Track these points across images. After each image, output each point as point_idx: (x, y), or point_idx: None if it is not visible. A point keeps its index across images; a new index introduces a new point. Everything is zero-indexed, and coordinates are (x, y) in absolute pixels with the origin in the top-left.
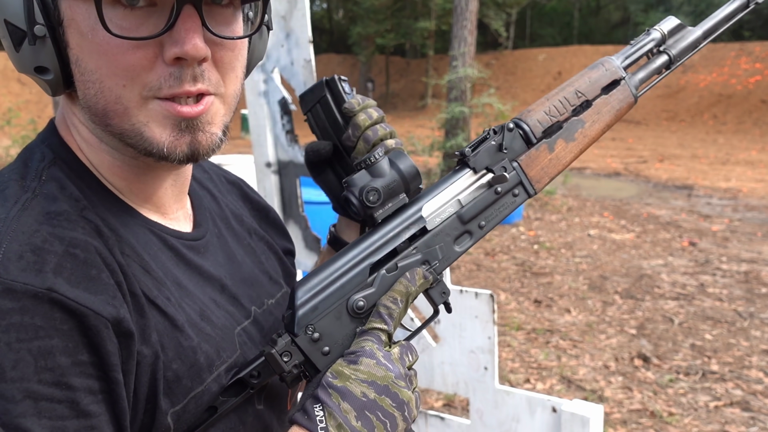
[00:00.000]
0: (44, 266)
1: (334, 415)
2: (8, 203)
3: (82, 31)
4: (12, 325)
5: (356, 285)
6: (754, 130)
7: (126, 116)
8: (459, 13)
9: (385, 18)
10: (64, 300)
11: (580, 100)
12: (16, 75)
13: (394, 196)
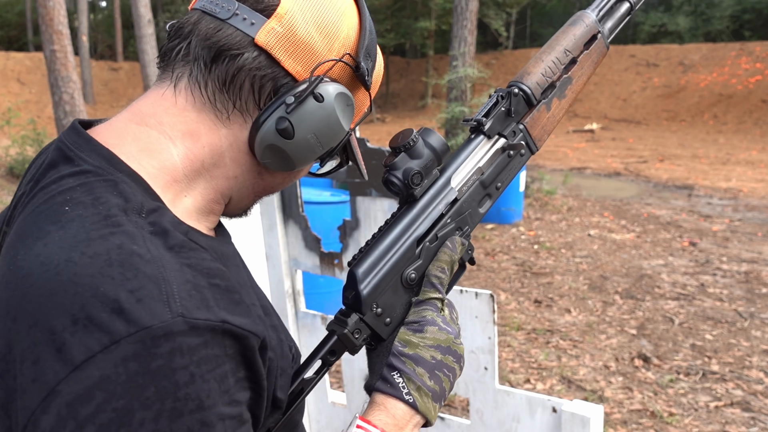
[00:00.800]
0: (208, 301)
1: (412, 380)
2: (138, 240)
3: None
4: (202, 360)
5: (407, 260)
6: (754, 130)
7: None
8: (459, 13)
9: (385, 18)
10: (234, 329)
11: (568, 58)
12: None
13: (430, 172)
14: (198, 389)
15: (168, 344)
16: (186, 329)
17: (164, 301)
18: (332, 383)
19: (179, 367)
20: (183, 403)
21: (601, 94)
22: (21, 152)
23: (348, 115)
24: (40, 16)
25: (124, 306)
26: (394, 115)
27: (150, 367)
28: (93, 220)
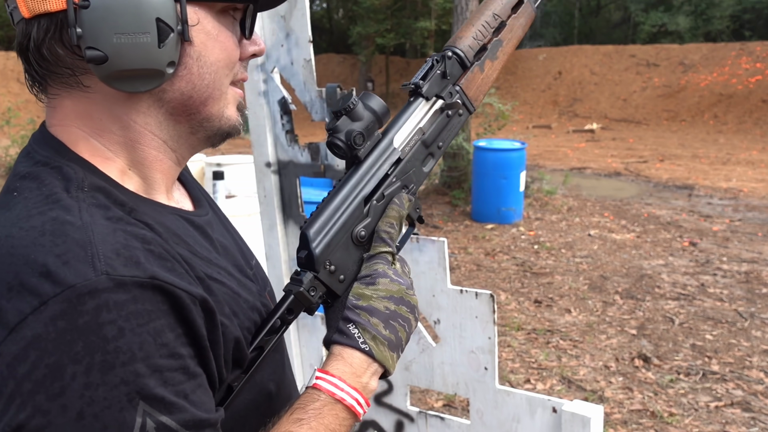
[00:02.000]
0: (138, 260)
1: (367, 330)
2: (73, 210)
3: (209, 32)
4: (131, 314)
5: (356, 218)
6: (754, 130)
7: (219, 100)
8: (459, 13)
9: (385, 18)
10: (164, 285)
11: (497, 22)
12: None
13: (372, 134)
14: (128, 342)
15: (93, 301)
16: (111, 286)
17: (89, 262)
18: None
19: (106, 322)
20: (113, 356)
21: (601, 94)
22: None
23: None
24: None
25: (51, 269)
26: (394, 114)
27: (77, 324)
28: (35, 201)
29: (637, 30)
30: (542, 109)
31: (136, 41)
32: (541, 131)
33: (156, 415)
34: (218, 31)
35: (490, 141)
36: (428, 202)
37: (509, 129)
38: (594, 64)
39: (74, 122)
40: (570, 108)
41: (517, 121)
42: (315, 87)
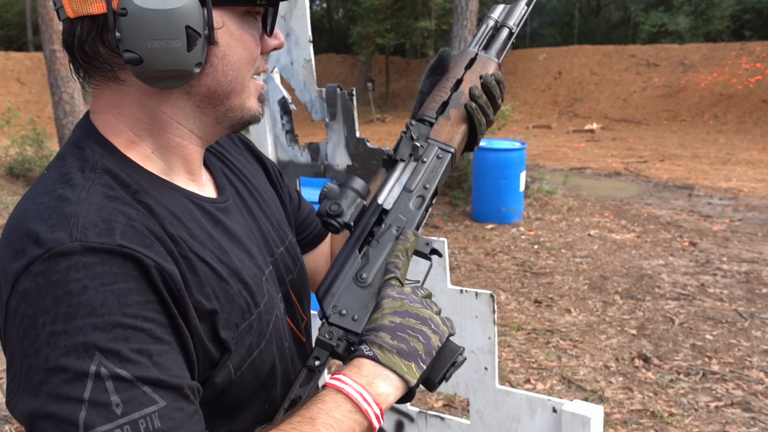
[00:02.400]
0: (114, 231)
1: (373, 342)
2: (77, 189)
3: (233, 33)
4: (96, 274)
5: (355, 266)
6: (755, 130)
7: (242, 93)
8: (459, 13)
9: (385, 18)
10: (133, 253)
11: (452, 82)
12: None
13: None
14: (90, 298)
15: (65, 262)
16: (82, 250)
17: (68, 231)
18: None
19: (73, 280)
20: (75, 309)
21: (601, 94)
22: (21, 152)
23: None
24: (40, 16)
25: (40, 236)
26: (394, 115)
27: (50, 280)
28: (53, 179)
29: (637, 30)
30: (542, 109)
31: (168, 46)
32: (541, 131)
33: (110, 365)
34: (241, 32)
35: (490, 141)
36: None
37: (509, 129)
38: (594, 64)
39: (110, 110)
40: (570, 108)
41: (517, 121)
42: (315, 87)
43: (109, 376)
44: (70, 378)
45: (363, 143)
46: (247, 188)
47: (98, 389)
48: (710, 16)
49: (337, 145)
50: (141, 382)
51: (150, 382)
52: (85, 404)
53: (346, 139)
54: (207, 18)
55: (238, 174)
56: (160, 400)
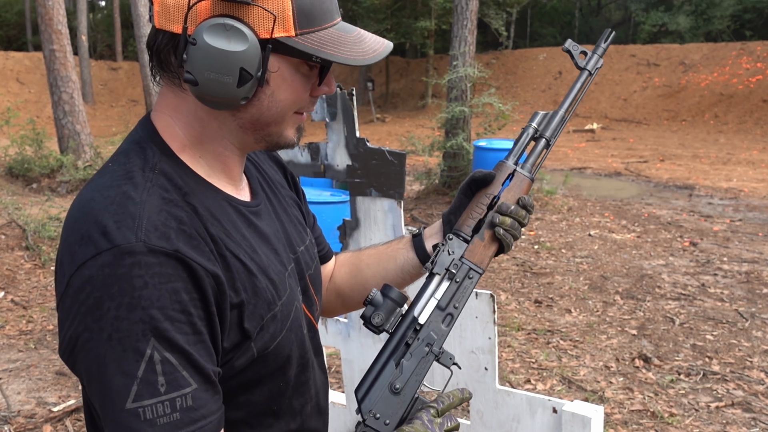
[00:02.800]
0: (170, 236)
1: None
2: (139, 188)
3: (285, 78)
4: (155, 273)
5: (391, 376)
6: (755, 129)
7: (280, 124)
8: (459, 13)
9: (385, 17)
10: (185, 258)
11: (490, 199)
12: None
13: (392, 313)
14: (150, 293)
15: (131, 259)
16: (145, 251)
17: (134, 230)
18: (332, 383)
19: (136, 276)
20: (137, 300)
21: (601, 93)
22: (20, 152)
23: (234, 39)
24: (40, 15)
25: (108, 230)
26: (394, 114)
27: (117, 272)
28: (118, 174)
29: (638, 30)
30: (542, 109)
31: (221, 80)
32: None
33: (162, 351)
34: (293, 78)
35: (490, 141)
36: (428, 202)
37: (509, 129)
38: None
39: (168, 112)
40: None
41: (518, 121)
42: None
43: (159, 360)
44: (129, 356)
45: (363, 143)
46: (275, 194)
47: (149, 370)
48: (711, 15)
49: (337, 145)
50: (182, 367)
51: (187, 366)
52: (137, 380)
53: (346, 139)
54: (262, 63)
55: (268, 181)
56: (194, 383)
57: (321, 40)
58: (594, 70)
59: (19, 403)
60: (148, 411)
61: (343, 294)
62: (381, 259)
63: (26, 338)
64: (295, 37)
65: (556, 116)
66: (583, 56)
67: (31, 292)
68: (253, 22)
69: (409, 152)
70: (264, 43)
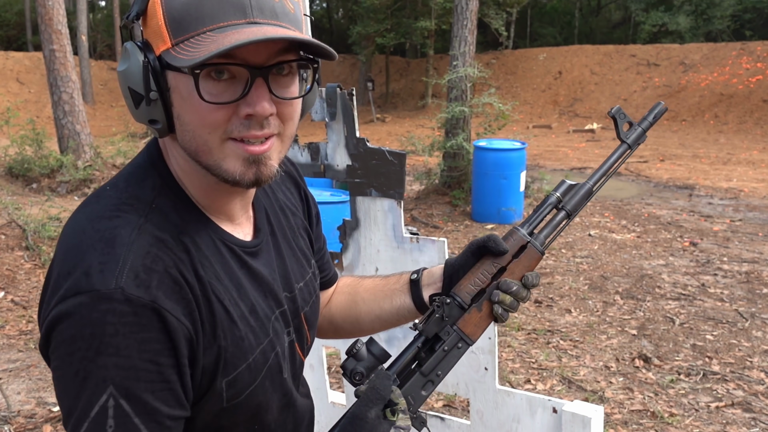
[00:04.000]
0: (150, 284)
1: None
2: (130, 227)
3: (183, 96)
4: (128, 323)
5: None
6: (755, 129)
7: (210, 154)
8: (459, 13)
9: (385, 17)
10: (161, 309)
11: (496, 268)
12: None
13: (373, 370)
14: (118, 341)
15: (107, 305)
16: (122, 299)
17: (115, 275)
18: (332, 384)
19: (109, 323)
20: (105, 347)
21: (601, 93)
22: (20, 152)
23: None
24: (39, 15)
25: (91, 271)
26: (394, 115)
27: (92, 316)
28: (113, 203)
29: (638, 30)
30: (542, 109)
31: (126, 102)
32: (541, 131)
33: (118, 398)
34: (189, 95)
35: (490, 141)
36: (428, 202)
37: (509, 129)
38: (594, 64)
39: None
40: (570, 108)
41: (518, 121)
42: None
43: (113, 405)
44: (87, 396)
45: (363, 143)
46: (281, 225)
47: (101, 413)
48: (711, 15)
49: (337, 145)
50: (134, 414)
51: (143, 415)
52: (89, 419)
53: (346, 139)
54: (145, 81)
55: (277, 210)
56: (145, 430)
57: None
58: (635, 145)
59: (19, 403)
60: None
61: (336, 323)
62: (377, 296)
63: (26, 338)
64: (171, 48)
65: (583, 189)
66: (627, 126)
67: (31, 292)
68: (150, 38)
69: (409, 152)
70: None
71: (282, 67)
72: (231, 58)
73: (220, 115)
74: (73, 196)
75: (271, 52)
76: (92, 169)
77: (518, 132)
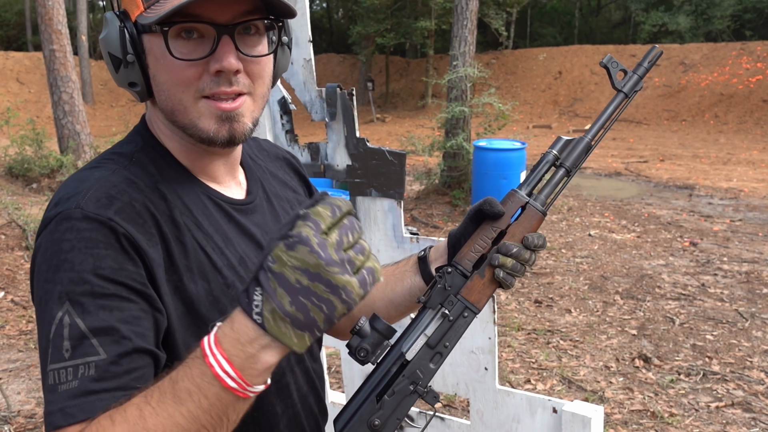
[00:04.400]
0: (111, 207)
1: (269, 300)
2: (105, 170)
3: (156, 57)
4: (84, 238)
5: (371, 412)
6: (755, 129)
7: (185, 113)
8: (459, 13)
9: (385, 17)
10: (118, 228)
11: (496, 233)
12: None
13: (379, 346)
14: (74, 256)
15: (67, 224)
16: (80, 216)
17: (77, 199)
18: (332, 383)
19: (66, 239)
20: (61, 263)
21: (601, 93)
22: (20, 152)
23: (104, 26)
24: (39, 15)
25: (60, 200)
26: (394, 114)
27: (53, 237)
28: (99, 158)
29: (638, 30)
30: (542, 109)
31: (108, 67)
32: (541, 131)
33: (73, 315)
34: (162, 55)
35: (490, 141)
36: (428, 202)
37: (509, 129)
38: (594, 64)
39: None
40: (570, 108)
41: (518, 120)
42: (315, 87)
43: (68, 323)
44: (46, 317)
45: (363, 143)
46: (278, 194)
47: (58, 333)
48: (711, 15)
49: (337, 145)
50: (92, 334)
51: (101, 335)
52: (50, 342)
53: (346, 139)
54: (122, 44)
55: (274, 183)
56: (103, 353)
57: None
58: (632, 93)
59: (19, 403)
60: (53, 375)
61: (352, 315)
62: (389, 280)
63: (26, 338)
64: (144, 11)
65: (581, 144)
66: (622, 75)
67: (31, 292)
68: (127, 6)
69: (409, 152)
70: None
71: (248, 27)
72: (198, 18)
73: (191, 72)
74: None
75: (236, 12)
76: None
77: (518, 132)
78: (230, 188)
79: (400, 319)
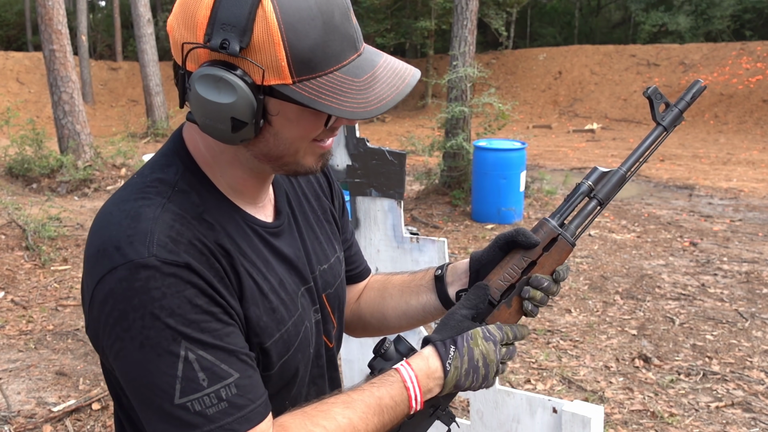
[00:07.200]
0: (179, 249)
1: (458, 359)
2: (154, 206)
3: (290, 119)
4: (170, 284)
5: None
6: (755, 129)
7: (295, 156)
8: (459, 13)
9: (385, 17)
10: (194, 265)
11: (526, 263)
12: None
13: None
14: (169, 302)
15: (146, 272)
16: (158, 264)
17: (146, 245)
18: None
19: (153, 288)
20: (159, 310)
21: (601, 93)
22: (20, 152)
23: (223, 90)
24: (39, 15)
25: (122, 245)
26: (394, 115)
27: (134, 286)
28: (138, 188)
29: (638, 30)
30: (542, 109)
31: (216, 126)
32: (541, 131)
33: (195, 350)
34: (299, 118)
35: (490, 141)
36: (428, 202)
37: (509, 129)
38: (594, 64)
39: (196, 128)
40: (570, 108)
41: (518, 121)
42: None
43: (195, 358)
44: (165, 359)
45: (363, 143)
46: (303, 210)
47: (188, 368)
48: (711, 15)
49: (337, 144)
50: (219, 361)
51: (227, 359)
52: (179, 379)
53: (346, 139)
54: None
55: (300, 195)
56: (235, 373)
57: (321, 87)
58: (671, 127)
59: (19, 403)
60: (196, 404)
61: (364, 319)
62: (404, 291)
63: (26, 338)
64: (292, 84)
65: (616, 176)
66: (663, 107)
67: (31, 292)
68: (248, 68)
69: (409, 152)
70: (258, 91)
71: None
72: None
73: (318, 128)
74: (73, 196)
75: None
76: (92, 169)
77: (518, 132)
78: (264, 208)
79: (411, 329)
